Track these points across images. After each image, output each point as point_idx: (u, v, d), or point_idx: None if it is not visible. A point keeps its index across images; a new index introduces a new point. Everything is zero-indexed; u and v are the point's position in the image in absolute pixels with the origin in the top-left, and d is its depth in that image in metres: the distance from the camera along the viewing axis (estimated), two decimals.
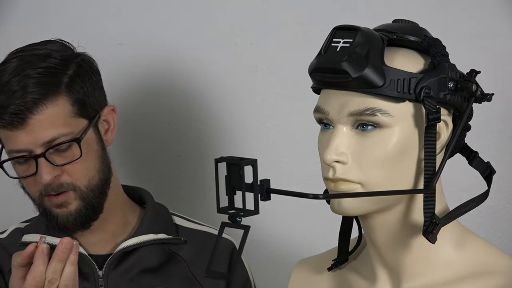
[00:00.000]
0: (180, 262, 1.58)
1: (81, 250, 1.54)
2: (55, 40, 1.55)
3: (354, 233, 1.34)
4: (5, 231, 1.63)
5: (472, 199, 1.22)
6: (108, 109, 1.56)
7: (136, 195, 1.64)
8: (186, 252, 1.58)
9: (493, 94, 1.23)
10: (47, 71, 1.47)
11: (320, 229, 1.85)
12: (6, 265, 1.57)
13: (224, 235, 1.60)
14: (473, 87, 1.19)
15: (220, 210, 1.11)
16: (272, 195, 1.10)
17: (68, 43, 1.56)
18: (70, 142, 1.47)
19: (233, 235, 1.62)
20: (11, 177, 1.50)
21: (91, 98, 1.51)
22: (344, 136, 1.18)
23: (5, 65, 1.49)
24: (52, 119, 1.46)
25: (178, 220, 1.64)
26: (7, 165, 1.51)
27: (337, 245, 1.34)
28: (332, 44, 1.18)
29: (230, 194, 1.10)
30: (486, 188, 1.24)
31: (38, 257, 1.36)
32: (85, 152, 1.48)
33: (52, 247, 1.54)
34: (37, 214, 1.58)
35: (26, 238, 1.57)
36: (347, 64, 1.15)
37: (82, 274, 1.53)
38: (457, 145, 1.27)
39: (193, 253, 1.59)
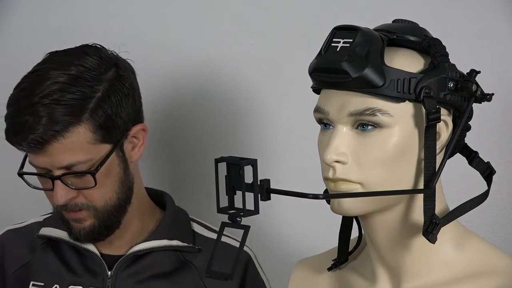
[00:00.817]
0: (192, 270, 1.57)
1: (93, 249, 1.55)
2: (95, 46, 1.51)
3: (354, 233, 1.34)
4: (24, 222, 1.65)
5: (472, 199, 1.22)
6: (138, 129, 1.52)
7: (159, 199, 1.63)
8: (200, 260, 1.57)
9: (493, 94, 1.23)
10: (75, 99, 1.42)
11: (320, 229, 1.84)
12: (16, 254, 1.59)
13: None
14: (473, 87, 1.19)
15: (220, 210, 1.11)
16: (272, 195, 1.10)
17: (107, 51, 1.52)
18: (85, 173, 1.45)
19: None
20: (33, 187, 1.51)
21: (116, 121, 1.47)
22: (344, 136, 1.18)
23: (38, 74, 1.46)
24: (71, 147, 1.43)
25: (197, 228, 1.62)
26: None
27: (337, 245, 1.34)
28: (332, 44, 1.18)
29: (230, 194, 1.11)
30: (486, 188, 1.24)
31: None
32: (103, 178, 1.46)
33: (67, 243, 1.56)
34: None
35: (44, 231, 1.59)
36: (347, 64, 1.15)
37: (92, 272, 1.55)
38: (457, 145, 1.27)
39: (207, 262, 1.57)
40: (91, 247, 1.55)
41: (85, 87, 1.44)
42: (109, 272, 1.54)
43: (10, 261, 1.60)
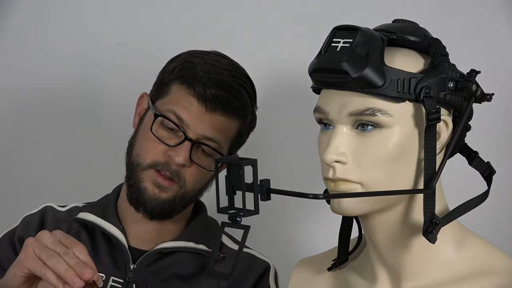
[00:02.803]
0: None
1: (123, 240, 1.56)
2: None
3: (354, 233, 1.34)
4: (65, 206, 1.66)
5: (472, 199, 1.22)
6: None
7: (195, 207, 1.65)
8: (221, 267, 1.56)
9: (493, 94, 1.23)
10: (248, 97, 1.55)
11: (320, 229, 1.85)
12: (52, 230, 1.59)
13: (262, 257, 1.61)
14: (473, 87, 1.19)
15: (220, 210, 1.11)
16: (272, 195, 1.10)
17: None
18: (221, 154, 1.52)
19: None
20: (152, 132, 1.52)
21: (243, 140, 1.59)
22: (344, 136, 1.18)
23: (217, 60, 1.56)
24: (221, 128, 1.52)
25: (225, 240, 1.63)
26: None
27: (337, 245, 1.34)
28: (332, 44, 1.18)
29: (230, 194, 1.10)
30: (486, 188, 1.24)
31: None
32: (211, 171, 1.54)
33: (101, 230, 1.57)
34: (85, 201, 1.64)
35: (81, 215, 1.60)
36: (347, 64, 1.15)
37: (116, 263, 1.55)
38: (457, 145, 1.27)
39: (227, 269, 1.57)
40: (121, 237, 1.56)
41: (250, 103, 1.57)
42: (132, 266, 1.55)
43: None
